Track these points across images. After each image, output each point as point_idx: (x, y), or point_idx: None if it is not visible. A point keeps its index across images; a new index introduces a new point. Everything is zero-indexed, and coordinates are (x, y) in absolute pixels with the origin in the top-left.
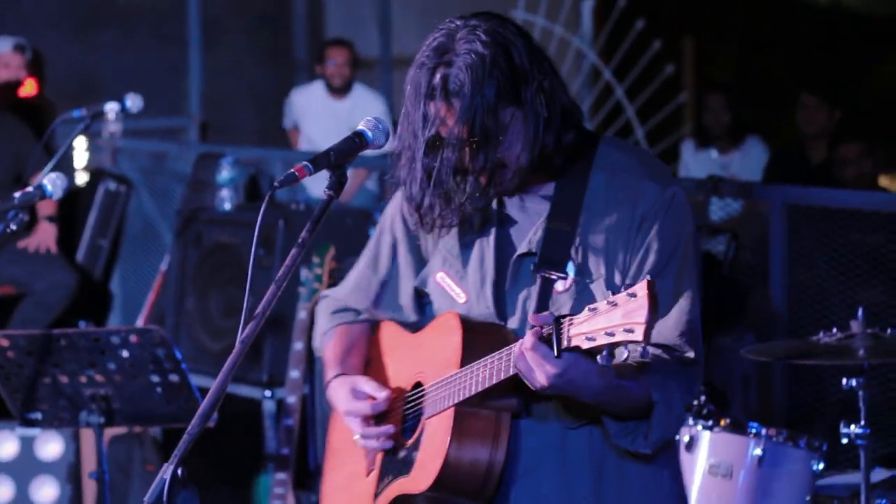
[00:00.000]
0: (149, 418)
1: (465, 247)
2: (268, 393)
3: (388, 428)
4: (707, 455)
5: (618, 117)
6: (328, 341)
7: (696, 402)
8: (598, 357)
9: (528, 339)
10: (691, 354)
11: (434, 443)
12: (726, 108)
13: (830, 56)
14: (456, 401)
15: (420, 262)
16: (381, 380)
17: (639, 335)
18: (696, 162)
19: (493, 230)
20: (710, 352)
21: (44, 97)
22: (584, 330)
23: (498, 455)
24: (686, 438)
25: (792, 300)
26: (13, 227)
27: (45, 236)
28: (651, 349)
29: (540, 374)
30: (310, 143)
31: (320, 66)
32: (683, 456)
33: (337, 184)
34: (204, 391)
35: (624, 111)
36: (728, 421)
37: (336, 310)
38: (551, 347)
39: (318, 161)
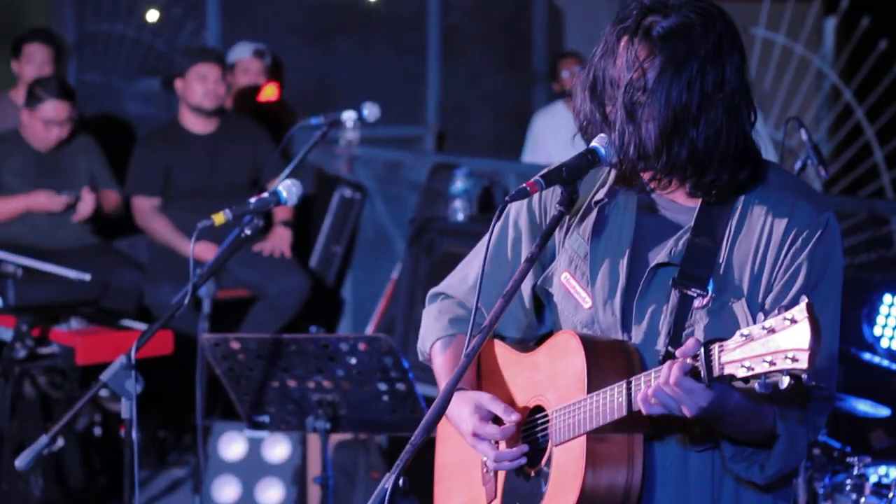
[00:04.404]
0: (374, 426)
1: (595, 249)
2: None
3: (523, 448)
4: None
5: (857, 139)
6: (444, 350)
7: None
8: (756, 385)
9: (675, 372)
10: (824, 389)
11: (567, 472)
12: None
13: None
14: (588, 429)
15: (542, 260)
16: None
17: (803, 363)
18: None
19: (629, 236)
20: None
21: (284, 103)
22: (737, 357)
23: (634, 477)
24: None
25: None
26: (248, 231)
27: (279, 241)
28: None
29: (687, 408)
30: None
31: (556, 83)
32: None
33: (568, 200)
34: (430, 401)
35: (863, 133)
36: None
37: (455, 317)
38: (698, 377)
39: (551, 176)
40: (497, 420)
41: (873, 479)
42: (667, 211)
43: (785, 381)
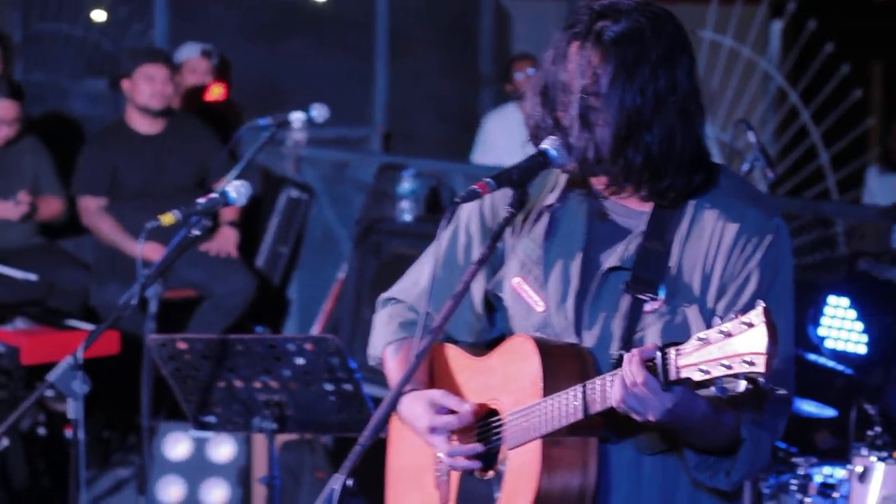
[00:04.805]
0: (321, 426)
1: (548, 253)
2: None
3: (477, 446)
4: (880, 486)
5: (802, 141)
6: (395, 354)
7: (870, 433)
8: (713, 389)
9: (639, 371)
10: (783, 392)
11: (522, 475)
12: None
13: None
14: (543, 433)
15: (493, 264)
16: None
17: (760, 367)
18: (880, 188)
19: (580, 240)
20: (887, 380)
21: (231, 103)
22: (694, 361)
23: (589, 481)
24: (859, 469)
25: None
26: (196, 232)
27: (226, 241)
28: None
29: (650, 409)
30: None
31: (510, 84)
32: (856, 486)
33: (519, 201)
34: (377, 401)
35: (809, 135)
36: None
37: (405, 321)
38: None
39: (501, 178)
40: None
41: (818, 479)
42: (618, 215)
43: (742, 385)
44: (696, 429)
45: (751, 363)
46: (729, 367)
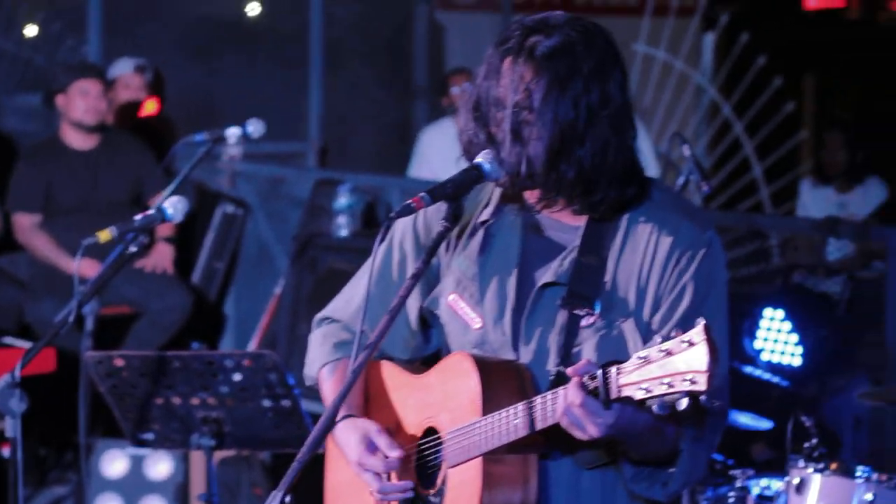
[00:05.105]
0: (259, 442)
1: (483, 269)
2: None
3: (409, 483)
4: (817, 498)
5: (736, 154)
6: (331, 375)
7: (807, 444)
8: (655, 406)
9: (576, 394)
10: (720, 406)
11: (462, 494)
12: (844, 147)
13: None
14: (484, 451)
15: (428, 281)
16: (387, 423)
17: (702, 385)
18: (813, 200)
19: (515, 256)
20: (822, 392)
21: (164, 118)
22: (635, 379)
23: (530, 498)
24: (796, 481)
25: None
26: (133, 248)
27: (161, 257)
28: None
29: (591, 427)
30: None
31: (446, 98)
32: (793, 498)
33: (453, 216)
34: (315, 417)
35: (742, 148)
36: (839, 464)
37: (339, 341)
38: (598, 398)
39: (436, 192)
40: None
41: (756, 491)
42: (552, 230)
43: (683, 403)
44: (638, 440)
45: (692, 381)
46: (671, 386)
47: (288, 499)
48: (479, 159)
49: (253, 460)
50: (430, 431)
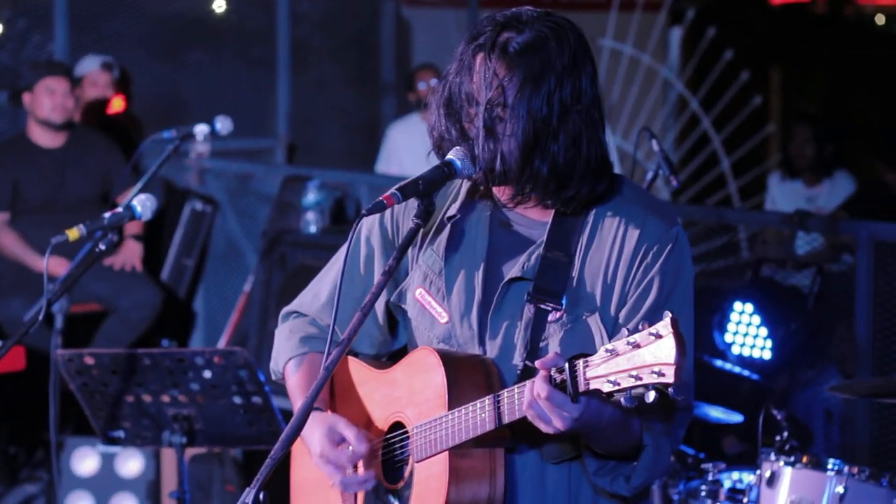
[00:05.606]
0: (230, 439)
1: (450, 265)
2: None
3: (371, 474)
4: (788, 491)
5: (704, 148)
6: (297, 369)
7: (778, 438)
8: (622, 399)
9: (543, 387)
10: (685, 400)
11: (429, 488)
12: (812, 141)
13: None
14: (450, 445)
15: (395, 276)
16: (353, 418)
17: (670, 377)
18: (782, 194)
19: (482, 251)
20: (793, 385)
21: (131, 115)
22: (603, 373)
23: (497, 492)
24: (767, 474)
25: (877, 336)
26: (102, 247)
27: (130, 254)
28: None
29: (557, 420)
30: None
31: (413, 94)
32: (764, 491)
33: (425, 213)
34: (287, 414)
35: (710, 142)
36: (810, 457)
37: (306, 335)
38: (565, 391)
39: (407, 189)
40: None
41: (727, 484)
42: (519, 226)
43: (651, 396)
44: (603, 433)
45: (660, 374)
46: (638, 378)
47: (262, 496)
48: (450, 156)
49: (225, 457)
50: (397, 426)
